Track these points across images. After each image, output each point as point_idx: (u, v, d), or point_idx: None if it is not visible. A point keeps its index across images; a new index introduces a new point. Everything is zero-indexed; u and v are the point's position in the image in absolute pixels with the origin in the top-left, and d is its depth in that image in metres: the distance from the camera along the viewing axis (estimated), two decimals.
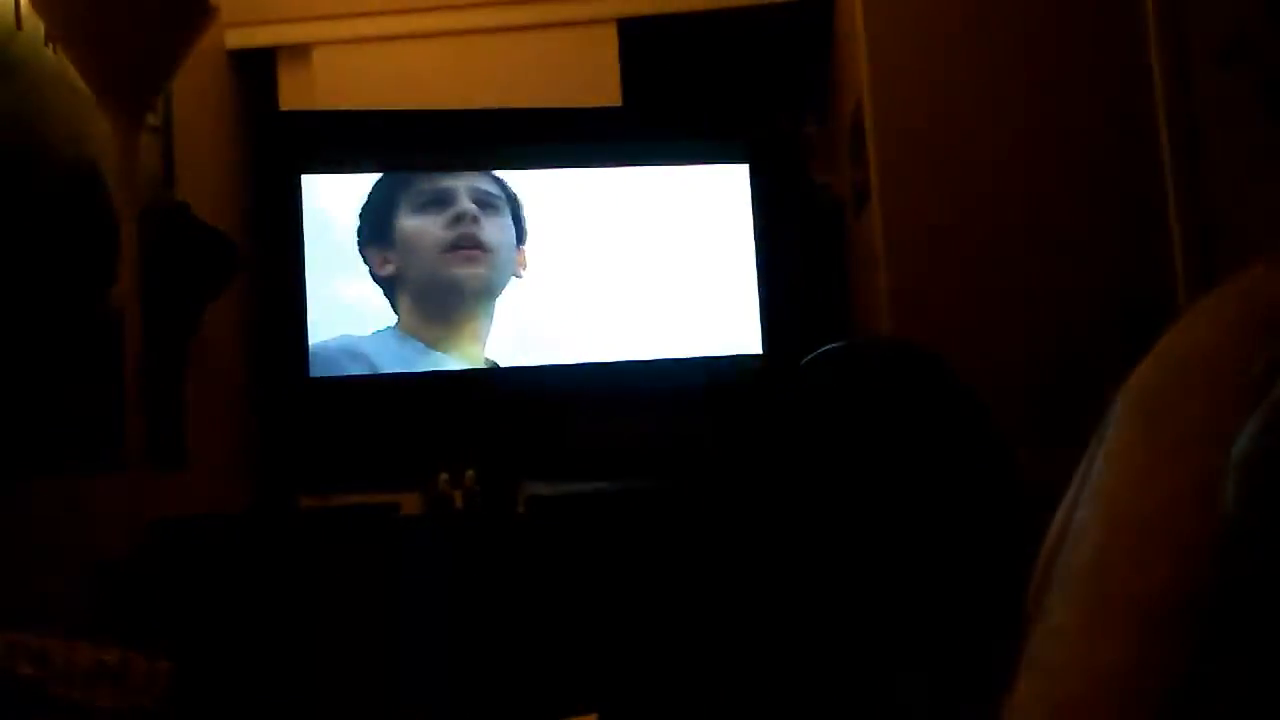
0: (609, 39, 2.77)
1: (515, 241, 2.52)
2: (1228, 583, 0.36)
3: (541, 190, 2.53)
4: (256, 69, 2.84)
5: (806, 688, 1.80)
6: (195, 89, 2.53)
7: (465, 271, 2.47)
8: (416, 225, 2.47)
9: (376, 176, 2.48)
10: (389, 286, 2.46)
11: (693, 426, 2.34)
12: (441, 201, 2.49)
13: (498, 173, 2.52)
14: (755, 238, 2.52)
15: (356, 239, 2.45)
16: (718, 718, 1.85)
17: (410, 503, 2.24)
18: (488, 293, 2.48)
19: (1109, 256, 2.13)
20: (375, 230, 2.46)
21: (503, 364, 2.47)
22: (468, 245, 2.47)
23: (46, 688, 1.19)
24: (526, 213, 2.52)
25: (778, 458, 1.94)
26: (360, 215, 2.47)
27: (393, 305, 2.45)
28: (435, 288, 2.47)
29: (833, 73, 2.77)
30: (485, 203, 2.50)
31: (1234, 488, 0.36)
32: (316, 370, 2.37)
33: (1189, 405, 0.42)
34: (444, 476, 2.14)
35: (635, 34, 2.78)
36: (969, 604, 1.45)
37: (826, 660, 1.79)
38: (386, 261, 2.46)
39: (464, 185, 2.50)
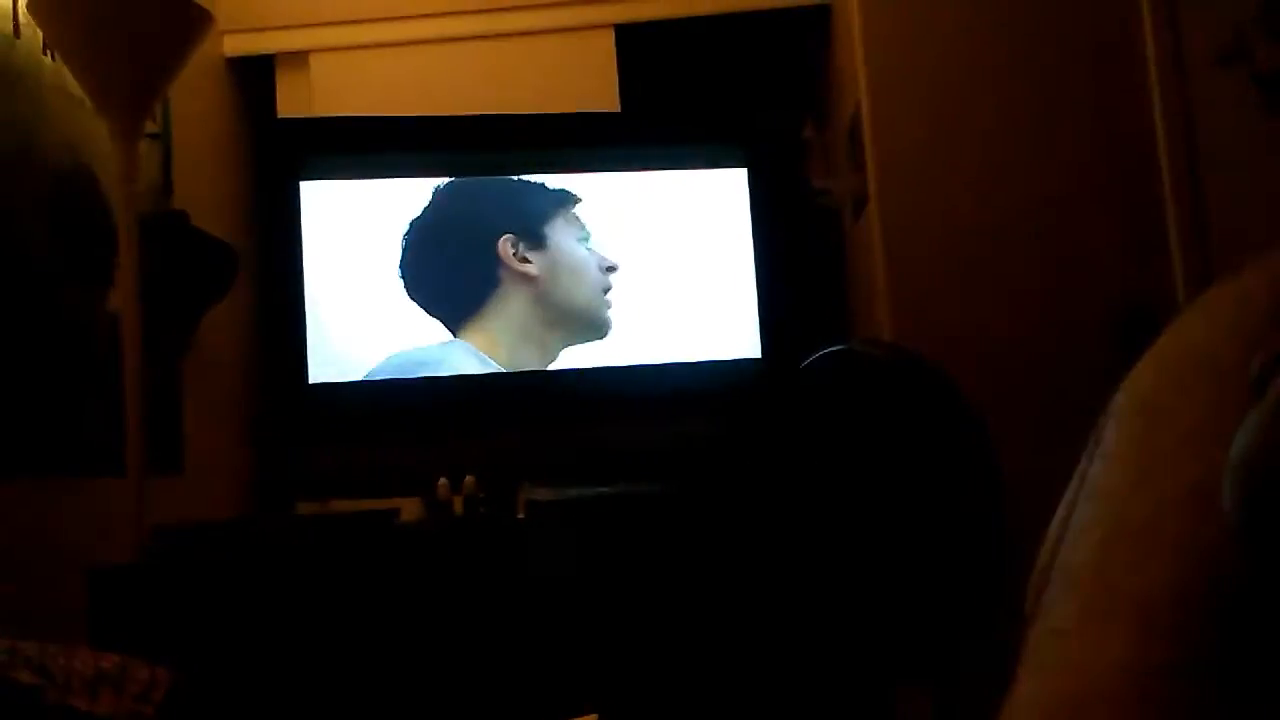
0: (606, 44, 2.77)
1: None
2: (1227, 582, 0.36)
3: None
4: (254, 76, 2.84)
5: (805, 691, 1.80)
6: (194, 96, 2.54)
7: None
8: None
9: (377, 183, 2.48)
10: None
11: (690, 430, 2.34)
12: None
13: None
14: (753, 241, 2.52)
15: None
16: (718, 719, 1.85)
17: (410, 508, 2.23)
18: None
19: (1107, 258, 2.14)
20: None
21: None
22: None
23: (45, 695, 1.19)
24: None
25: (775, 461, 1.93)
26: None
27: None
28: None
29: (831, 77, 2.77)
30: None
31: (1232, 487, 0.36)
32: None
33: (1187, 405, 0.41)
34: (443, 482, 2.14)
35: (633, 39, 2.78)
36: (959, 606, 1.45)
37: (824, 664, 1.79)
38: None
39: None
